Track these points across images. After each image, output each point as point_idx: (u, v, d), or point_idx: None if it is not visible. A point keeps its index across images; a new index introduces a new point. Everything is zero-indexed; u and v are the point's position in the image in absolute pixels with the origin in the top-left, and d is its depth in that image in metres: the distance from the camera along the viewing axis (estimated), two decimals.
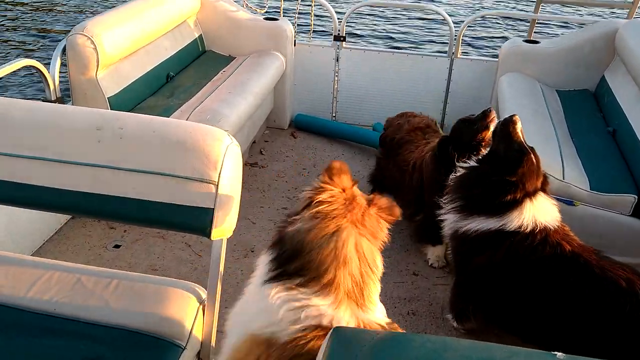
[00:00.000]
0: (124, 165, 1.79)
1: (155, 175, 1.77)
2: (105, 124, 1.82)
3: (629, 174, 3.10)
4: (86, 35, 3.15)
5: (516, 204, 2.27)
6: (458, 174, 2.54)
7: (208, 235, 1.79)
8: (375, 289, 1.51)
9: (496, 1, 11.47)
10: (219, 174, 1.76)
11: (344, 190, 1.58)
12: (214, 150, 1.77)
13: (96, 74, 3.24)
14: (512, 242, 2.26)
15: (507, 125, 2.38)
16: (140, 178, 1.78)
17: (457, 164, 2.66)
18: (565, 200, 2.94)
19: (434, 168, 2.96)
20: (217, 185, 1.76)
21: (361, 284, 1.45)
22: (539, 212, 2.28)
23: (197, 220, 1.77)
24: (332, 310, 1.39)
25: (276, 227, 1.69)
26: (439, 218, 2.66)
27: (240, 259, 3.22)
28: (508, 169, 2.31)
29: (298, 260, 1.46)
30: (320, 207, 1.51)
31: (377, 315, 1.50)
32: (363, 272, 1.45)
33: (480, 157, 2.52)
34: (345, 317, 1.40)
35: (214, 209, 1.77)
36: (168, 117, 3.38)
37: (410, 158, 3.19)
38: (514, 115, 2.41)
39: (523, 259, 2.25)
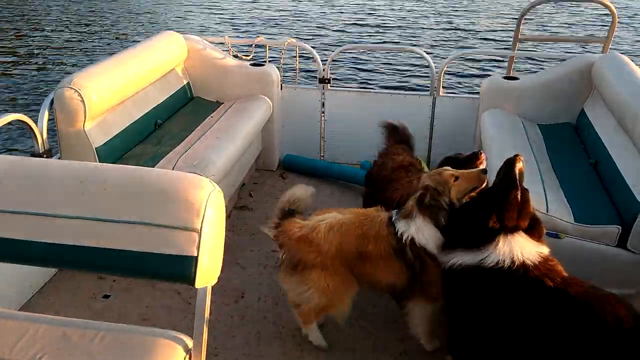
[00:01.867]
0: (107, 217, 1.81)
1: (139, 225, 1.79)
2: (88, 177, 1.86)
3: (612, 204, 3.14)
4: (73, 88, 3.20)
5: (490, 235, 2.26)
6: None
7: (192, 283, 1.81)
8: None
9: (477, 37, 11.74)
10: (202, 221, 1.78)
11: None
12: (196, 198, 1.79)
13: (84, 126, 3.28)
14: (491, 278, 2.24)
15: (508, 163, 2.40)
16: (124, 228, 1.80)
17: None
18: (551, 233, 2.96)
19: None
20: (200, 232, 1.78)
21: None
22: (516, 248, 2.26)
23: (181, 269, 1.79)
24: None
25: None
26: None
27: (230, 304, 3.21)
28: (489, 201, 2.33)
29: None
30: None
31: None
32: None
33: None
34: None
35: (197, 256, 1.78)
36: (155, 164, 3.42)
37: (395, 196, 3.21)
38: (517, 155, 2.42)
39: (503, 296, 2.24)
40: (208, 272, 1.84)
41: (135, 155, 3.56)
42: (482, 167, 2.85)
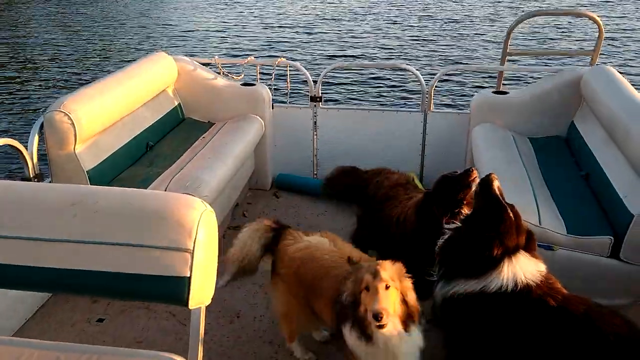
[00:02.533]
0: (99, 239, 1.80)
1: (131, 247, 1.78)
2: (79, 199, 1.85)
3: (604, 215, 3.15)
4: (63, 112, 3.21)
5: (495, 261, 2.25)
6: (443, 238, 2.54)
7: (185, 304, 1.80)
8: None
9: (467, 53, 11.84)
10: (194, 241, 1.78)
11: None
12: (188, 218, 1.79)
13: (74, 149, 3.28)
14: (496, 303, 2.23)
15: (484, 184, 2.40)
16: (115, 251, 1.79)
17: (443, 224, 2.70)
18: (544, 245, 2.96)
19: (417, 224, 2.98)
20: (193, 253, 1.77)
21: None
22: (520, 270, 2.25)
23: (174, 290, 1.78)
24: None
25: None
26: (423, 272, 2.68)
27: (225, 325, 3.18)
28: (486, 226, 2.31)
29: None
30: None
31: None
32: None
33: (462, 218, 2.54)
34: None
35: (190, 277, 1.77)
36: (147, 186, 3.42)
37: (394, 214, 3.21)
38: (490, 174, 2.43)
39: (508, 320, 2.23)
40: (201, 292, 1.83)
41: (127, 178, 3.55)
42: (474, 184, 2.83)
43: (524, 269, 2.27)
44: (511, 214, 2.31)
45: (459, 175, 2.91)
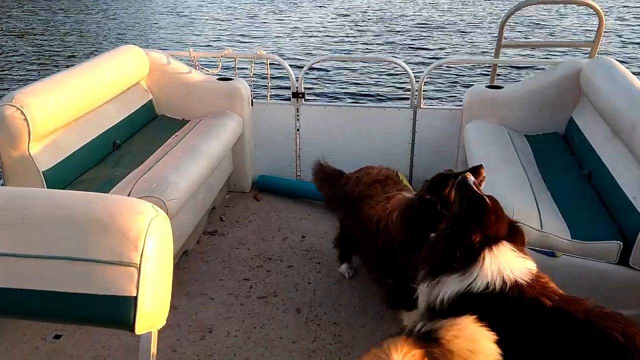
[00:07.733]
0: (28, 252, 1.51)
1: (66, 260, 1.50)
2: (5, 204, 1.55)
3: (611, 218, 2.92)
4: (15, 106, 2.91)
5: (475, 250, 2.04)
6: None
7: (131, 329, 1.52)
8: None
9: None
10: (141, 254, 1.49)
11: None
12: (134, 226, 1.50)
13: (28, 147, 2.98)
14: (483, 304, 2.00)
15: (461, 184, 2.26)
16: (48, 265, 1.50)
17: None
18: (546, 252, 2.74)
19: (404, 229, 2.71)
20: (140, 267, 1.49)
21: None
22: (505, 264, 2.03)
23: (117, 312, 1.50)
24: None
25: None
26: (411, 281, 2.41)
27: (196, 341, 2.89)
28: (462, 214, 2.14)
29: None
30: None
31: None
32: None
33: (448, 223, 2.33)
34: None
35: (136, 296, 1.49)
36: (110, 188, 3.12)
37: (372, 214, 2.94)
38: (465, 174, 2.30)
39: (499, 322, 1.99)
40: (151, 314, 1.55)
41: (89, 179, 3.25)
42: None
43: (509, 263, 2.04)
44: (487, 200, 2.13)
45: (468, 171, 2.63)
